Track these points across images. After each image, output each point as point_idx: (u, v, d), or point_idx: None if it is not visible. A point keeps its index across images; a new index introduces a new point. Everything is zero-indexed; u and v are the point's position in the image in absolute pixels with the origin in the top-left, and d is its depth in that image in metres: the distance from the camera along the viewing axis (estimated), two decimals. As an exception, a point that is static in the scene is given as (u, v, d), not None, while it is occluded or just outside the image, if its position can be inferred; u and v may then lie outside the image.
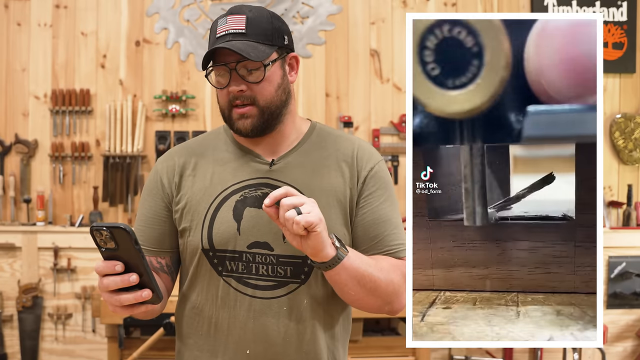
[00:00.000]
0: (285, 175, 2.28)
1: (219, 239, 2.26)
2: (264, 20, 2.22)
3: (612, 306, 6.00)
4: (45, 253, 5.75)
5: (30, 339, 5.76)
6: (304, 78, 6.00)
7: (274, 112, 2.25)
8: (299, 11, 5.98)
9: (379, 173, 2.33)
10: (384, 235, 2.28)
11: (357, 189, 2.29)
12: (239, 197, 2.27)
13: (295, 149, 2.33)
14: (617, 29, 6.06)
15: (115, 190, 5.88)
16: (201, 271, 2.31)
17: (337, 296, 2.28)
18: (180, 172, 2.35)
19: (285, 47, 2.27)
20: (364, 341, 5.06)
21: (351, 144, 2.37)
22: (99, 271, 1.88)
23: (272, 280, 2.25)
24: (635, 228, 6.06)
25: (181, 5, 5.94)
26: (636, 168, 6.18)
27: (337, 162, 2.31)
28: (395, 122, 6.01)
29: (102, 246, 1.83)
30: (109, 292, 1.92)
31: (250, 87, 2.20)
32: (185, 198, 2.32)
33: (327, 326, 2.32)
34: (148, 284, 1.87)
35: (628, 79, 6.15)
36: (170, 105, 5.89)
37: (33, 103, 5.91)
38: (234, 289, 2.26)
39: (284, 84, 2.27)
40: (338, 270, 2.06)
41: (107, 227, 1.79)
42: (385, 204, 2.31)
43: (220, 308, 2.28)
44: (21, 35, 5.91)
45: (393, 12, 6.06)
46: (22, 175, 5.88)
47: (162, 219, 2.36)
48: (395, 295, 2.22)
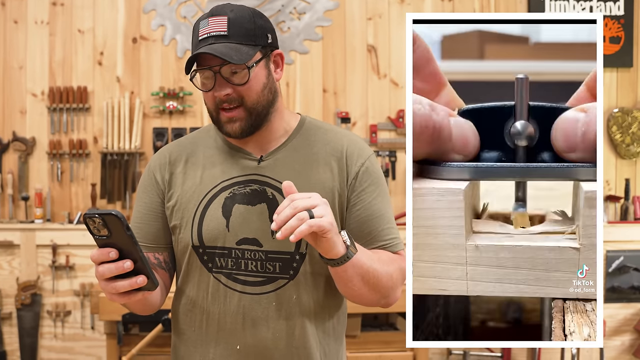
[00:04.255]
0: (274, 172, 2.28)
1: (209, 236, 2.27)
2: (246, 20, 2.21)
3: (610, 300, 6.01)
4: (44, 250, 5.75)
5: (29, 336, 5.76)
6: (301, 74, 6.00)
7: (261, 112, 2.24)
8: (295, 7, 5.97)
9: (370, 168, 2.33)
10: (378, 231, 2.29)
11: (348, 185, 2.29)
12: (228, 194, 2.28)
13: (283, 145, 2.33)
14: (614, 23, 6.06)
15: (113, 187, 5.88)
16: (192, 267, 2.32)
17: (329, 292, 2.31)
18: (171, 170, 2.36)
19: (269, 45, 2.26)
20: (362, 336, 5.05)
21: (341, 138, 2.36)
22: (94, 259, 1.89)
23: (261, 276, 2.26)
24: (633, 222, 6.07)
25: (178, 2, 5.93)
26: (633, 162, 6.18)
27: (325, 158, 2.31)
28: (392, 118, 6.01)
29: (95, 234, 1.84)
30: (105, 280, 1.92)
31: (235, 90, 2.19)
32: (175, 196, 2.33)
33: (318, 321, 2.32)
34: (143, 270, 1.88)
35: (625, 73, 6.15)
36: (168, 102, 5.89)
37: (30, 100, 5.90)
38: (223, 285, 2.28)
39: (270, 83, 2.26)
40: (345, 267, 2.06)
41: (98, 214, 1.79)
42: (377, 200, 2.31)
43: (211, 304, 2.30)
44: (18, 33, 5.90)
45: (390, 7, 6.05)
46: (20, 172, 5.88)
47: (158, 215, 2.37)
48: (392, 289, 2.23)
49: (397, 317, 5.31)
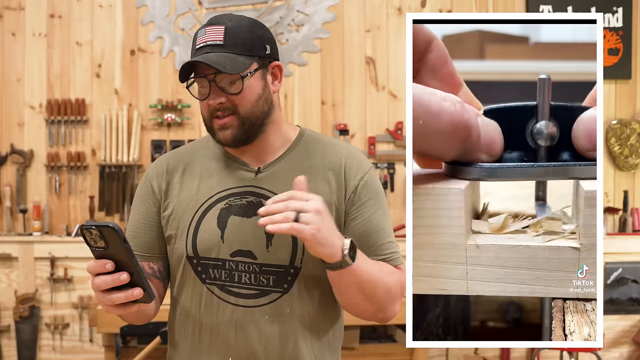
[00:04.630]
0: (271, 184, 2.27)
1: (203, 247, 2.25)
2: (244, 30, 2.20)
3: (608, 312, 6.00)
4: (42, 263, 5.75)
5: (27, 349, 5.75)
6: (300, 86, 6.01)
7: (255, 122, 2.23)
8: (294, 19, 5.99)
9: (370, 182, 2.31)
10: (377, 245, 2.27)
11: (347, 199, 2.28)
12: (223, 205, 2.27)
13: (281, 158, 2.32)
14: (613, 35, 6.07)
15: (112, 200, 5.88)
16: (186, 278, 2.31)
17: (324, 305, 2.29)
18: (168, 179, 2.36)
19: (267, 56, 2.25)
20: (361, 349, 5.04)
21: (340, 151, 2.35)
22: (90, 270, 1.88)
23: (254, 288, 2.24)
24: (632, 234, 6.07)
25: (176, 14, 5.94)
26: (632, 174, 6.19)
27: (323, 171, 2.30)
28: (391, 130, 6.01)
29: (92, 245, 1.83)
30: (101, 292, 1.91)
31: (229, 99, 2.18)
32: (171, 205, 2.32)
33: (312, 334, 2.30)
34: (139, 282, 1.88)
35: (624, 85, 6.16)
36: (166, 114, 5.90)
37: (28, 113, 5.91)
38: (217, 297, 2.26)
39: (266, 94, 2.25)
40: (340, 273, 2.05)
41: (95, 226, 1.79)
42: (377, 214, 2.30)
43: (204, 315, 2.28)
44: (16, 45, 5.91)
45: (388, 19, 6.07)
46: (18, 185, 5.88)
47: (154, 224, 2.36)
48: (390, 303, 2.21)
49: (396, 329, 5.30)
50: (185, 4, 5.95)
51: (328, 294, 2.23)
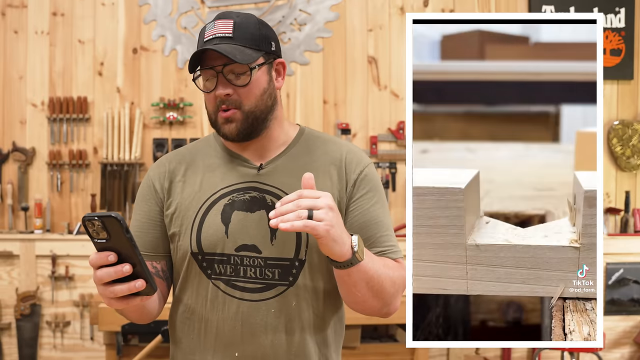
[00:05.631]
0: (273, 179, 2.29)
1: (208, 243, 2.27)
2: (251, 26, 2.26)
3: (609, 313, 6.00)
4: (43, 261, 5.74)
5: (28, 347, 5.75)
6: (302, 85, 6.00)
7: (259, 116, 2.26)
8: (296, 18, 5.98)
9: (369, 176, 2.33)
10: (376, 237, 2.28)
11: (347, 193, 2.29)
12: (227, 201, 2.28)
13: (283, 154, 2.34)
14: (615, 36, 6.06)
15: (113, 198, 5.87)
16: (191, 274, 2.31)
17: (328, 300, 2.30)
18: (171, 178, 2.37)
19: (272, 52, 2.29)
20: (362, 348, 5.04)
21: (340, 147, 2.37)
22: (92, 263, 1.87)
23: (260, 282, 2.25)
24: (633, 235, 6.06)
25: (178, 13, 5.94)
26: (634, 175, 6.18)
27: (325, 166, 2.32)
28: (392, 129, 6.01)
29: (94, 237, 1.82)
30: (103, 285, 1.90)
31: (236, 91, 2.22)
32: (175, 203, 2.33)
33: (317, 329, 2.31)
34: (141, 274, 1.86)
35: (626, 85, 6.15)
36: (168, 112, 5.89)
37: (30, 111, 5.91)
38: (222, 292, 2.27)
39: (270, 89, 2.29)
40: (349, 271, 2.05)
41: (98, 217, 1.78)
42: (376, 206, 2.30)
43: (209, 311, 2.29)
44: (18, 43, 5.91)
45: (391, 19, 6.06)
46: (20, 183, 5.88)
47: (157, 223, 2.36)
48: (394, 297, 2.22)
49: (397, 328, 5.30)
50: (187, 3, 5.94)
51: (332, 286, 2.25)
